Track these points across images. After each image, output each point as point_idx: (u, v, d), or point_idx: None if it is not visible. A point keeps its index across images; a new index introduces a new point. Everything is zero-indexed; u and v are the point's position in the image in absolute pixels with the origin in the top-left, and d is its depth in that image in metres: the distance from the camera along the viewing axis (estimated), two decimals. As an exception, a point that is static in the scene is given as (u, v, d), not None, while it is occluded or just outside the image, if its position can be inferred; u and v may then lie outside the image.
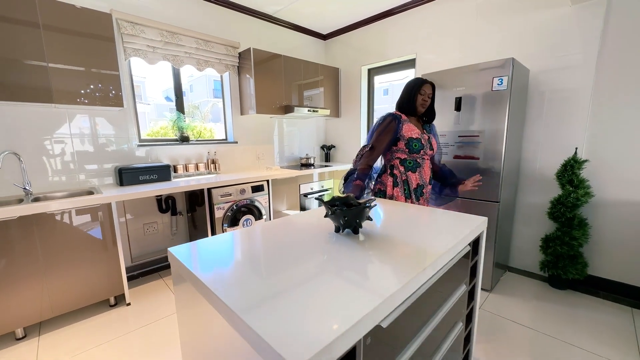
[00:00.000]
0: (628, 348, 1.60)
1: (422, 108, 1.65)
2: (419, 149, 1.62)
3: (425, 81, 1.64)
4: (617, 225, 2.05)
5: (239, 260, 0.90)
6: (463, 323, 1.21)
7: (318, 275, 0.76)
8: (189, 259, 0.88)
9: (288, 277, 0.77)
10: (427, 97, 1.63)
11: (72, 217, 1.81)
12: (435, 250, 0.91)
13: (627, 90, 1.94)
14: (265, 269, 0.84)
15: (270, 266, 0.85)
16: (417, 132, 1.63)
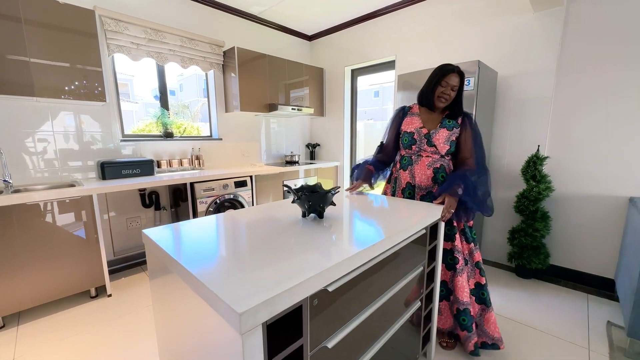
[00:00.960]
0: (581, 330, 1.73)
1: (441, 102, 1.42)
2: (410, 144, 1.49)
3: (450, 70, 1.37)
4: (575, 218, 2.21)
5: (208, 239, 0.97)
6: (422, 303, 1.31)
7: (278, 250, 0.85)
8: (163, 239, 0.95)
9: (250, 251, 0.86)
10: (449, 89, 1.38)
11: (53, 209, 1.84)
12: (387, 230, 1.00)
13: (583, 93, 2.09)
14: (231, 247, 0.92)
15: (238, 244, 0.93)
16: (416, 125, 1.48)
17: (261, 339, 0.59)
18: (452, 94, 1.41)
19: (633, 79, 1.91)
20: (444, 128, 1.45)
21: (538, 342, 1.62)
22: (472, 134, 1.44)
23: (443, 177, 1.46)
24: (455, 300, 1.46)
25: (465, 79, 1.45)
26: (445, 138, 1.43)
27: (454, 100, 1.43)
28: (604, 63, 2.00)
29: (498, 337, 1.46)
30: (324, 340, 0.77)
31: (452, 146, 1.45)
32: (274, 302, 0.60)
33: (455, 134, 1.44)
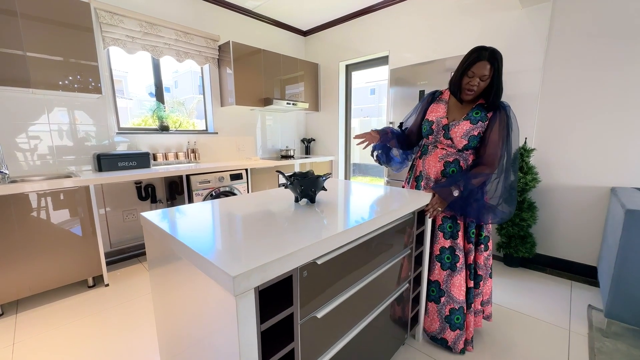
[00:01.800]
0: (563, 313, 1.81)
1: (467, 95, 1.28)
2: (427, 134, 1.40)
3: (479, 56, 1.20)
4: (561, 208, 2.29)
5: (203, 220, 1.01)
6: (410, 284, 1.37)
7: (271, 230, 0.90)
8: (158, 219, 0.99)
9: (244, 231, 0.90)
10: (476, 80, 1.23)
11: (50, 200, 1.86)
12: (374, 212, 1.06)
13: (568, 88, 2.16)
14: (226, 226, 0.97)
15: (231, 224, 0.98)
16: (439, 114, 1.38)
17: (253, 302, 0.64)
18: (482, 84, 1.24)
19: (616, 75, 1.98)
20: (467, 120, 1.30)
21: (523, 326, 1.70)
22: (498, 131, 1.24)
23: (454, 172, 1.36)
24: (449, 300, 1.40)
25: (501, 63, 1.22)
26: (465, 132, 1.29)
27: (488, 88, 1.25)
28: (589, 59, 2.07)
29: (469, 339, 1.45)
30: (313, 311, 0.83)
31: (472, 141, 1.30)
32: (265, 269, 0.65)
33: (479, 128, 1.28)
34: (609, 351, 1.46)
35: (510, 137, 1.27)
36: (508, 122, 1.26)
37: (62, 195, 1.91)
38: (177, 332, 0.97)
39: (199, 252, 0.70)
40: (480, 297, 1.51)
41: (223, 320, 0.66)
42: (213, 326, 0.73)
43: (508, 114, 1.27)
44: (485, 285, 1.52)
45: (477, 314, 1.51)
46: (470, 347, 1.47)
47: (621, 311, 1.48)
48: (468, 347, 1.46)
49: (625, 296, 1.46)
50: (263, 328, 0.68)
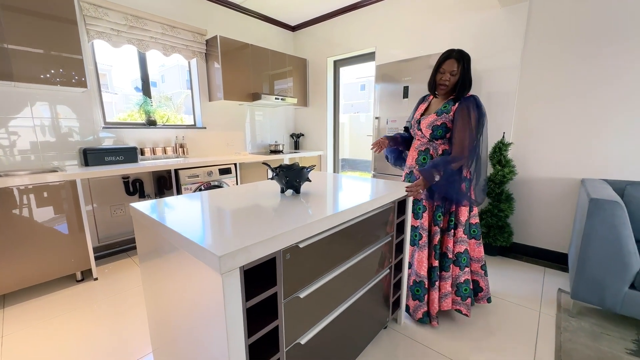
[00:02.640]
0: (535, 297, 1.93)
1: (441, 89, 1.47)
2: (409, 128, 1.67)
3: (448, 55, 1.41)
4: (536, 198, 2.42)
5: (192, 209, 1.06)
6: (391, 270, 1.45)
7: (256, 218, 0.95)
8: (148, 209, 1.03)
9: (231, 218, 0.95)
10: (447, 75, 1.42)
11: (36, 195, 1.86)
12: (355, 201, 1.12)
13: (543, 85, 2.28)
14: (213, 215, 1.01)
15: (218, 214, 1.03)
16: (420, 111, 1.62)
17: (239, 280, 0.70)
18: (452, 79, 1.43)
19: (587, 73, 2.10)
20: (434, 114, 1.50)
21: (498, 309, 1.81)
22: (461, 119, 1.41)
23: (424, 160, 1.57)
24: (413, 273, 1.59)
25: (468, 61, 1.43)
26: (429, 122, 1.50)
27: (459, 86, 1.44)
28: (562, 57, 2.18)
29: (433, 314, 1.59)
30: (297, 291, 0.89)
31: (436, 131, 1.49)
32: (249, 250, 0.70)
33: (442, 119, 1.47)
34: (574, 329, 1.58)
35: (469, 121, 1.41)
36: (468, 109, 1.41)
37: (49, 189, 1.90)
38: (167, 316, 1.02)
39: (188, 236, 0.75)
40: (450, 281, 1.60)
41: (211, 298, 0.72)
42: (202, 305, 0.78)
43: (467, 104, 1.42)
44: (457, 271, 1.61)
45: (445, 295, 1.60)
46: (435, 322, 1.59)
47: (585, 293, 1.61)
48: (433, 322, 1.60)
49: (588, 279, 1.58)
50: (248, 305, 0.73)
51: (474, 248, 1.67)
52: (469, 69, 1.44)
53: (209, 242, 0.72)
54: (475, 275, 1.70)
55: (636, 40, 1.92)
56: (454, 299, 1.63)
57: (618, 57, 1.99)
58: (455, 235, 1.58)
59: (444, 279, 1.60)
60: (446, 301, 1.60)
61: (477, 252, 1.68)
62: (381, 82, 2.68)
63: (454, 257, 1.60)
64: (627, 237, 1.46)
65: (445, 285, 1.60)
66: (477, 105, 1.44)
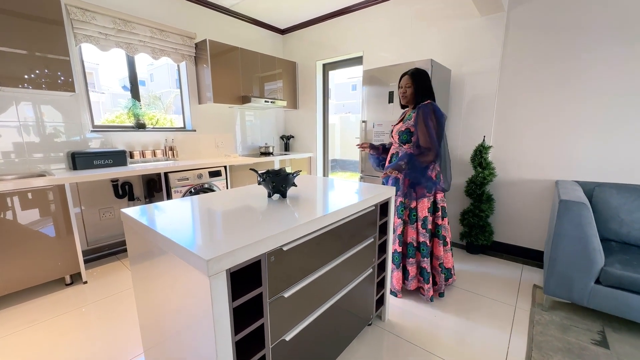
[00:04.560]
0: (512, 292, 2.04)
1: (402, 100, 1.84)
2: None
3: (404, 74, 1.78)
4: (515, 199, 2.54)
5: (181, 214, 1.10)
6: (374, 270, 1.53)
7: (243, 222, 1.00)
8: (139, 214, 1.07)
9: (219, 223, 1.01)
10: (404, 88, 1.78)
11: (24, 199, 1.86)
12: (338, 205, 1.19)
13: (520, 90, 2.39)
14: (202, 220, 1.06)
15: (206, 218, 1.08)
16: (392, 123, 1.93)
17: (225, 282, 0.75)
18: (408, 90, 1.77)
19: (561, 78, 2.22)
20: (400, 122, 1.81)
21: (476, 304, 1.90)
22: (418, 122, 1.70)
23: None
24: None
25: (422, 76, 1.74)
26: (397, 130, 1.82)
27: (416, 96, 1.76)
28: (537, 64, 2.30)
29: (398, 289, 1.91)
30: (281, 291, 0.95)
31: (402, 136, 1.80)
32: (236, 254, 0.76)
33: (406, 125, 1.78)
34: (545, 322, 1.69)
35: (423, 121, 1.66)
36: (424, 115, 1.67)
37: (37, 194, 1.91)
38: (158, 317, 1.06)
39: (177, 241, 0.80)
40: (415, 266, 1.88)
41: (199, 299, 0.77)
42: (190, 305, 0.83)
43: (423, 109, 1.67)
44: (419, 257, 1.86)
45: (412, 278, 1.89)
46: (400, 295, 1.93)
47: (555, 288, 1.72)
48: (398, 294, 1.92)
49: (558, 275, 1.69)
50: (235, 305, 0.79)
51: (437, 246, 1.90)
52: (424, 82, 1.75)
53: (197, 246, 0.77)
54: (433, 270, 1.92)
55: (606, 49, 2.05)
56: (418, 279, 1.90)
57: (589, 65, 2.12)
58: (417, 228, 1.85)
59: (410, 264, 1.86)
60: (413, 282, 1.90)
61: (438, 250, 1.90)
62: (368, 85, 2.72)
63: (417, 245, 1.86)
64: (592, 235, 1.57)
65: (412, 270, 1.87)
66: (434, 109, 1.68)
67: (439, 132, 1.68)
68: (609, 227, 1.92)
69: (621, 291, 1.54)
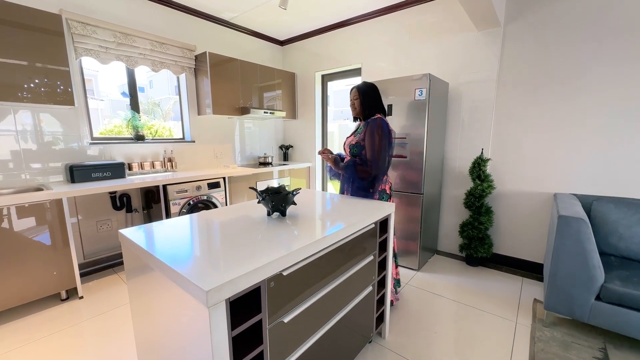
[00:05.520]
0: (512, 307, 2.03)
1: (353, 113, 1.88)
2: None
3: (352, 88, 1.85)
4: (513, 211, 2.54)
5: (180, 235, 1.10)
6: (374, 287, 1.51)
7: (243, 244, 1.00)
8: (139, 237, 1.06)
9: (218, 245, 1.00)
10: (352, 101, 1.84)
11: (21, 214, 1.84)
12: (339, 224, 1.18)
13: (517, 103, 2.42)
14: (201, 241, 1.06)
15: (206, 239, 1.07)
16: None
17: (224, 312, 0.74)
18: (356, 103, 1.81)
19: (559, 91, 2.25)
20: (352, 135, 1.85)
21: (477, 319, 1.89)
22: (367, 137, 1.73)
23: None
24: None
25: (369, 91, 1.80)
26: (348, 143, 1.85)
27: (363, 108, 1.80)
28: (535, 76, 2.33)
29: None
30: (281, 316, 0.93)
31: (353, 149, 1.80)
32: (235, 283, 0.75)
33: (357, 139, 1.79)
34: (546, 339, 1.67)
35: (374, 138, 1.69)
36: (372, 131, 1.70)
37: (34, 208, 1.89)
38: (155, 338, 1.04)
39: (176, 268, 0.79)
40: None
41: (197, 329, 0.76)
42: (188, 334, 0.82)
43: (372, 125, 1.71)
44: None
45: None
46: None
47: (556, 304, 1.71)
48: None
49: (559, 290, 1.68)
50: (234, 334, 0.78)
51: None
52: (370, 97, 1.79)
53: (195, 274, 0.77)
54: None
55: (604, 63, 2.08)
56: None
57: (587, 78, 2.14)
58: None
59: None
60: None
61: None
62: None
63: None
64: (591, 251, 1.57)
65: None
66: (381, 124, 1.70)
67: (385, 147, 1.69)
68: (608, 242, 1.93)
69: (622, 308, 1.54)
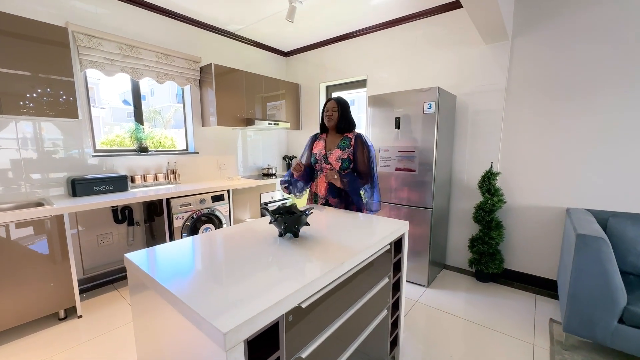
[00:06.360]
0: (528, 327, 1.96)
1: (329, 123, 1.85)
2: (314, 163, 1.90)
3: (328, 99, 1.88)
4: (524, 226, 2.48)
5: (192, 262, 1.04)
6: (389, 311, 1.45)
7: (257, 270, 0.94)
8: (145, 263, 1.00)
9: (231, 273, 0.94)
10: (330, 112, 1.83)
11: (19, 230, 1.78)
12: (354, 249, 1.13)
13: (526, 116, 2.39)
14: (213, 268, 1.00)
15: (219, 266, 1.01)
16: (320, 147, 1.88)
17: (243, 354, 0.68)
18: (335, 114, 1.82)
19: (567, 105, 2.22)
20: (338, 149, 1.82)
21: (492, 341, 1.82)
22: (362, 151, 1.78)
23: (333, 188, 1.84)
24: None
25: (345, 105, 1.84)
26: (337, 156, 1.80)
27: (339, 120, 1.82)
28: (542, 91, 2.31)
29: None
30: (298, 351, 0.87)
31: (344, 163, 1.79)
32: (254, 321, 0.69)
33: (347, 152, 1.79)
34: (567, 364, 1.60)
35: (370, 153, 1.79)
36: (363, 146, 1.79)
37: (34, 224, 1.83)
38: (162, 375, 0.98)
39: (189, 303, 0.74)
40: None
41: (213, 371, 0.70)
42: (202, 375, 0.75)
43: (362, 140, 1.81)
44: None
45: None
46: None
47: (576, 326, 1.64)
48: None
49: (579, 313, 1.62)
50: (251, 376, 0.72)
51: None
52: (348, 112, 1.85)
53: (211, 310, 0.71)
54: None
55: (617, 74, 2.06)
56: None
57: (600, 90, 2.12)
58: None
59: None
60: None
61: None
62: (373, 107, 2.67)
63: None
64: (613, 273, 1.51)
65: None
66: (367, 142, 1.82)
67: (374, 160, 1.82)
68: (626, 260, 1.87)
69: (647, 332, 1.47)
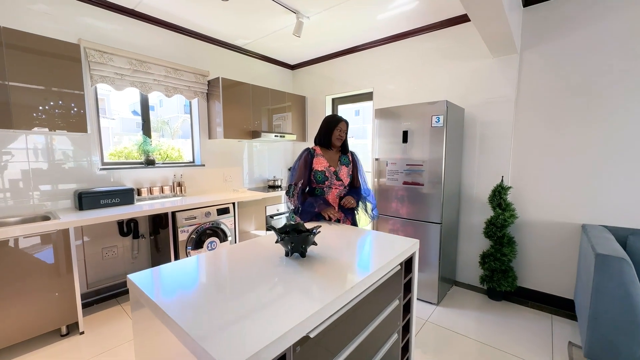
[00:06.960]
0: (545, 350, 1.86)
1: (338, 142, 1.90)
2: (323, 180, 1.86)
3: (341, 119, 1.91)
4: (538, 242, 2.40)
5: (195, 285, 1.01)
6: (399, 334, 1.38)
7: (263, 297, 0.90)
8: (148, 285, 0.97)
9: (238, 297, 0.90)
10: (342, 133, 1.89)
11: (24, 245, 1.77)
12: (364, 271, 1.08)
13: (539, 128, 2.34)
14: (218, 293, 0.96)
15: (223, 289, 0.98)
16: (325, 165, 1.85)
17: (248, 392, 0.64)
18: (344, 135, 1.93)
19: (579, 117, 2.17)
20: (344, 165, 1.91)
21: (508, 366, 1.73)
22: (359, 168, 1.99)
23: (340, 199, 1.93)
24: None
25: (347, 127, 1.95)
26: (347, 173, 1.92)
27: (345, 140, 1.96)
28: (552, 104, 2.27)
29: None
30: (306, 384, 0.82)
31: (350, 178, 1.95)
32: (260, 355, 0.65)
33: (350, 169, 1.94)
34: (590, 393, 1.50)
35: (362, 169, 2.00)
36: (357, 162, 1.99)
37: (39, 239, 1.82)
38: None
39: (195, 337, 0.70)
40: None
41: (216, 410, 0.65)
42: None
43: (357, 157, 2.00)
44: None
45: None
46: None
47: (599, 353, 1.55)
48: None
49: (601, 338, 1.53)
50: (257, 414, 0.67)
51: None
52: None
53: (216, 345, 0.67)
54: None
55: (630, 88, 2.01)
56: None
57: (613, 103, 2.07)
58: None
59: None
60: None
61: None
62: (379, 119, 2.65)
63: None
64: (637, 296, 1.43)
65: None
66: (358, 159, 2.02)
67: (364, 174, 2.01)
68: (648, 281, 1.78)
69: (676, 361, 1.38)
